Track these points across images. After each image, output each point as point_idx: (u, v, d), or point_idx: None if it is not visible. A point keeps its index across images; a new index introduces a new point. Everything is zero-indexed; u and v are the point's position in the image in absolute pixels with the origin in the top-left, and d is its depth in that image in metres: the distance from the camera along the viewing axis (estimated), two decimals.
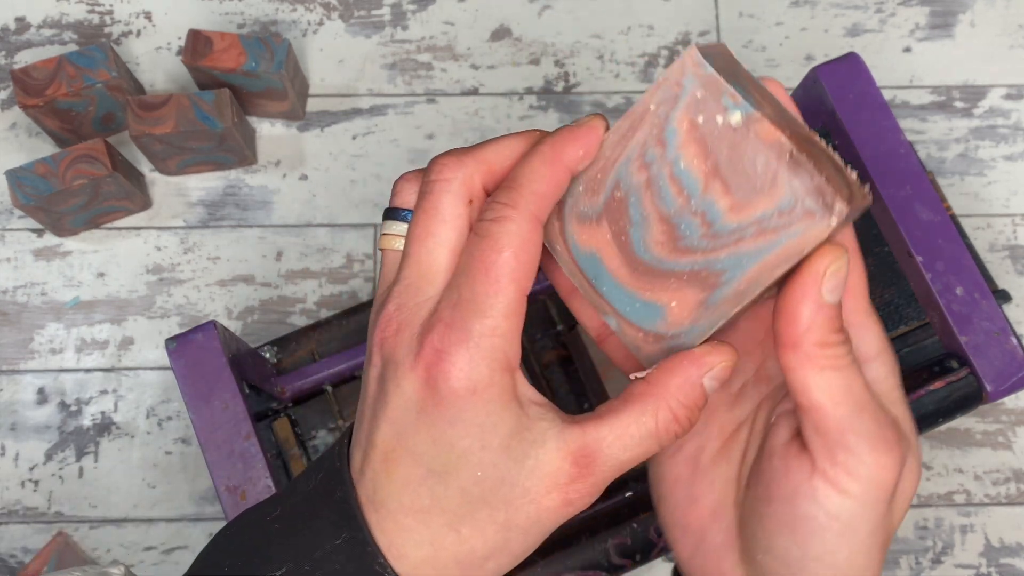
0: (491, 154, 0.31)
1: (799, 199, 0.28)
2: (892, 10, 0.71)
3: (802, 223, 0.28)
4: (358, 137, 0.68)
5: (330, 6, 0.70)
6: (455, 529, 0.30)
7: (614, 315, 0.32)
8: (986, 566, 0.62)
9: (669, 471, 0.34)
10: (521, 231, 0.29)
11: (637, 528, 0.51)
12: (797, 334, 0.29)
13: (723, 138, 0.29)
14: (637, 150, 0.30)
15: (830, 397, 0.29)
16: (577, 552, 0.50)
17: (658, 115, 0.30)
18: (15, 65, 0.69)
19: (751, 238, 0.29)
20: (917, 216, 0.49)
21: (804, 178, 0.28)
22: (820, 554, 0.30)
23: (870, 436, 0.29)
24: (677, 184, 0.30)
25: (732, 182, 0.29)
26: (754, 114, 0.29)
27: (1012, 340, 0.48)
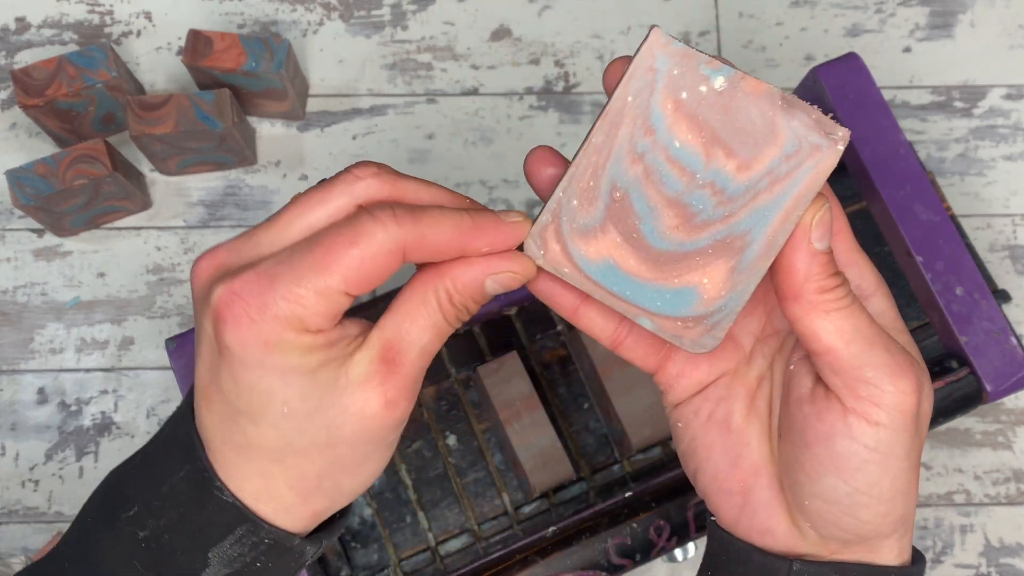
0: (409, 187, 0.32)
1: (803, 137, 0.29)
2: (892, 10, 0.71)
3: (811, 159, 0.29)
4: (358, 137, 0.68)
5: (330, 6, 0.70)
6: (278, 461, 0.31)
7: (646, 315, 0.32)
8: (986, 566, 0.62)
9: (703, 440, 0.35)
10: (384, 246, 0.30)
11: (637, 528, 0.51)
12: (797, 285, 0.30)
13: (712, 105, 0.29)
14: (626, 145, 0.30)
15: (840, 337, 0.30)
16: (577, 552, 0.50)
17: (638, 105, 0.30)
18: (15, 65, 0.69)
19: (766, 190, 0.30)
20: (917, 216, 0.49)
21: (801, 117, 0.29)
22: (866, 486, 0.31)
23: (886, 366, 0.30)
24: (677, 165, 0.30)
25: (733, 143, 0.30)
26: (736, 73, 0.29)
27: (1012, 340, 0.48)
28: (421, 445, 0.59)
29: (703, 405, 0.35)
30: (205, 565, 0.32)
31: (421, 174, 0.67)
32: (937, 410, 0.50)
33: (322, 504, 0.33)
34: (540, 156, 0.33)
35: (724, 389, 0.35)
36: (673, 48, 0.30)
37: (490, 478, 0.58)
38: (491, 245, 0.31)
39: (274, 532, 0.32)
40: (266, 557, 0.33)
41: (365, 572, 0.57)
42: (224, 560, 0.32)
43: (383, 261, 0.30)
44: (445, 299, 0.31)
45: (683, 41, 0.33)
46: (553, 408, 0.59)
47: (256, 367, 0.30)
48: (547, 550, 0.50)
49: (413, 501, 0.58)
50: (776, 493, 0.34)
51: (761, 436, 0.34)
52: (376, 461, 0.33)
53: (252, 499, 0.32)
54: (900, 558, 0.34)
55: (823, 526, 0.33)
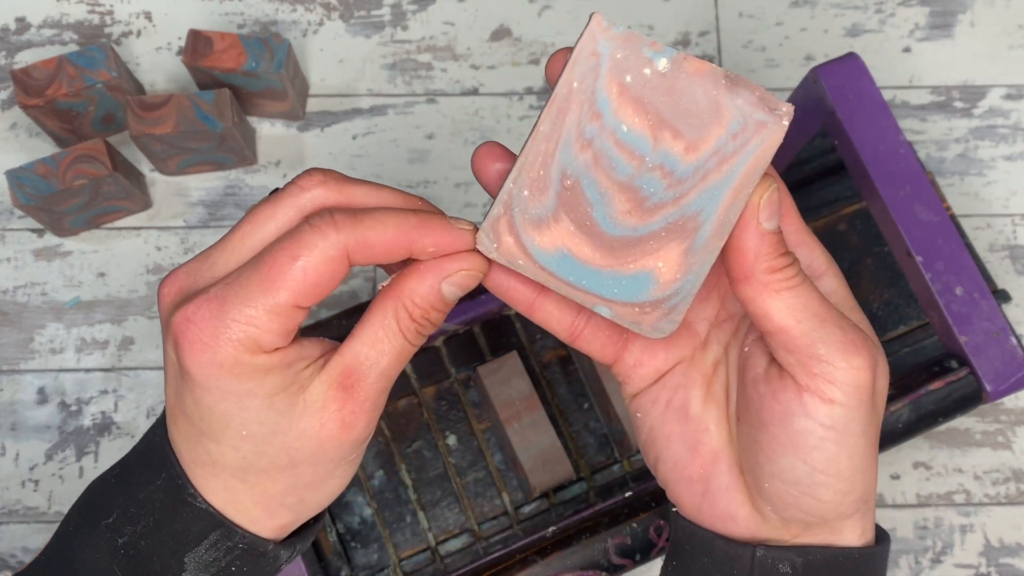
0: (358, 191, 0.32)
1: (747, 115, 0.29)
2: (892, 10, 0.71)
3: (757, 136, 0.29)
4: (358, 137, 0.68)
5: (330, 6, 0.70)
6: (241, 479, 0.32)
7: (603, 303, 0.31)
8: (986, 566, 0.62)
9: (661, 429, 0.35)
10: (327, 253, 0.30)
11: (637, 528, 0.51)
12: (747, 265, 0.30)
13: (657, 87, 0.29)
14: (573, 131, 0.30)
15: (791, 315, 0.30)
16: (577, 552, 0.50)
17: (583, 90, 0.30)
18: (15, 65, 0.69)
19: (715, 170, 0.30)
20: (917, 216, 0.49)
21: (745, 94, 0.29)
22: (824, 464, 0.31)
23: (839, 343, 0.30)
24: (626, 148, 0.30)
25: (679, 124, 0.30)
26: (678, 54, 0.29)
27: (1012, 340, 0.48)
28: (421, 445, 0.59)
29: (661, 393, 0.35)
30: (182, 570, 0.33)
31: (421, 174, 0.68)
32: (937, 410, 0.50)
33: (287, 518, 0.33)
34: (487, 152, 0.32)
35: (681, 376, 0.35)
36: (615, 32, 0.29)
37: (490, 478, 0.58)
38: (437, 244, 0.31)
39: (247, 537, 0.33)
40: (240, 562, 0.33)
41: (365, 572, 0.57)
42: (200, 565, 0.33)
43: (327, 269, 0.30)
44: (405, 317, 0.31)
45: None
46: (553, 408, 0.59)
47: (214, 391, 0.30)
48: (547, 550, 0.50)
49: (413, 501, 0.58)
50: (736, 478, 0.34)
51: (719, 422, 0.34)
52: (339, 477, 0.33)
53: (219, 506, 0.32)
54: (863, 538, 0.34)
55: (784, 508, 0.33)
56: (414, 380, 0.59)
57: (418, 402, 0.59)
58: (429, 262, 0.31)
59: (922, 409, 0.50)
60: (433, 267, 0.31)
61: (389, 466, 0.58)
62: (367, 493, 0.58)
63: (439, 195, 0.67)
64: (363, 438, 0.32)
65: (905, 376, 0.51)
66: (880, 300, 0.62)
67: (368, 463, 0.58)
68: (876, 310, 0.62)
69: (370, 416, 0.32)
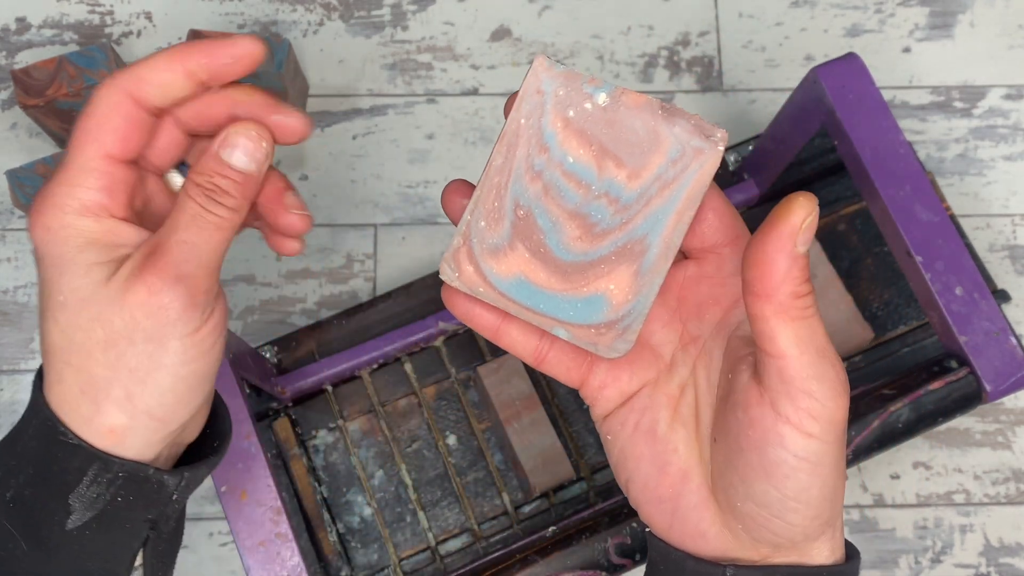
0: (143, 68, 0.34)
1: (685, 142, 0.31)
2: (891, 10, 0.71)
3: (696, 161, 0.31)
4: (358, 137, 0.68)
5: (330, 6, 0.70)
6: (66, 362, 0.33)
7: (561, 325, 0.33)
8: (985, 566, 0.62)
9: (631, 450, 0.35)
10: (110, 100, 0.33)
11: (637, 528, 0.51)
12: (772, 285, 0.30)
13: (598, 120, 0.31)
14: (523, 164, 0.32)
15: (797, 345, 0.30)
16: (577, 551, 0.50)
17: (531, 126, 0.32)
18: (16, 65, 0.69)
19: (657, 195, 0.31)
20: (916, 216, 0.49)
21: (682, 123, 0.31)
22: (795, 492, 0.32)
23: (830, 381, 0.31)
24: (573, 178, 0.32)
25: (622, 154, 0.31)
26: (616, 88, 0.31)
27: (1011, 340, 0.48)
28: (421, 445, 0.59)
29: (629, 416, 0.36)
30: (69, 512, 0.33)
31: (421, 174, 0.68)
32: (937, 410, 0.50)
33: (119, 418, 0.33)
34: (454, 188, 0.34)
35: (647, 399, 0.35)
36: (556, 71, 0.32)
37: (490, 478, 0.58)
38: (209, 56, 0.33)
39: (126, 465, 0.33)
40: (125, 491, 0.34)
41: (365, 572, 0.57)
42: (85, 503, 0.33)
43: (117, 114, 0.33)
44: (193, 185, 0.33)
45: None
46: (553, 408, 0.59)
47: (45, 259, 0.33)
48: (547, 550, 0.50)
49: (413, 501, 0.58)
50: (705, 496, 0.34)
51: (688, 442, 0.35)
52: (166, 373, 0.33)
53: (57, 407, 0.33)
54: (833, 556, 0.34)
55: (754, 529, 0.33)
56: (414, 380, 0.59)
57: (418, 402, 0.59)
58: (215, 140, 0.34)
59: (922, 409, 0.50)
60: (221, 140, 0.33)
61: (389, 466, 0.58)
62: (367, 493, 0.58)
63: (439, 195, 0.67)
64: (178, 315, 0.33)
65: (905, 376, 0.51)
66: (880, 300, 0.62)
67: (368, 463, 0.58)
68: (876, 310, 0.62)
69: (178, 287, 0.33)
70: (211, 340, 0.34)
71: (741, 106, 0.69)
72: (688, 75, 0.69)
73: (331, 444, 0.59)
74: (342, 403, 0.59)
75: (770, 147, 0.58)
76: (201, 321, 0.33)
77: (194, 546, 0.62)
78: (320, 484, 0.58)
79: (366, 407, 0.59)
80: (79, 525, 0.33)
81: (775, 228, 0.30)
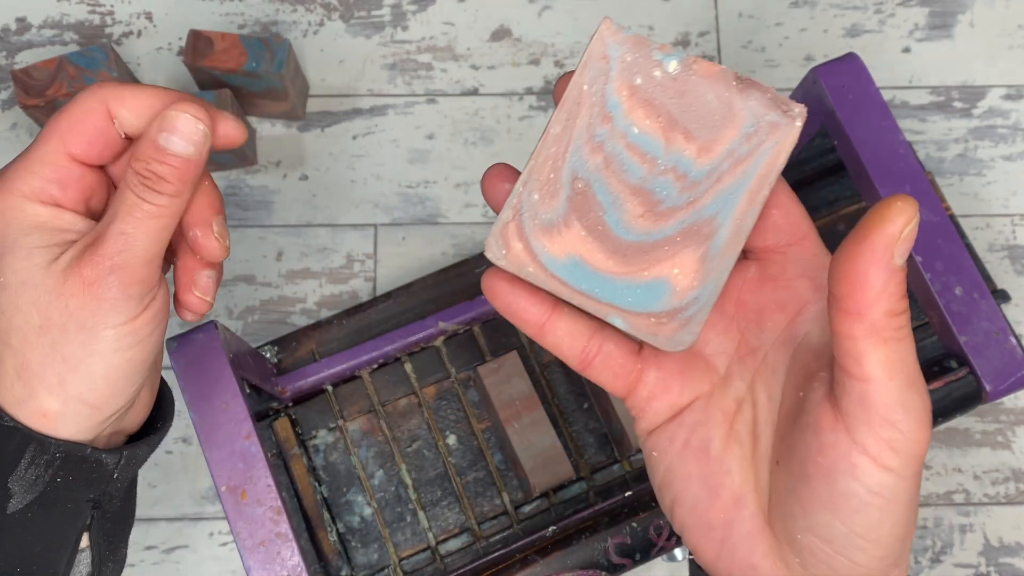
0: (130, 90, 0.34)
1: (760, 117, 0.29)
2: (891, 11, 0.71)
3: (771, 137, 0.29)
4: (358, 137, 0.68)
5: (330, 6, 0.70)
6: (5, 343, 0.33)
7: (618, 313, 0.30)
8: (985, 565, 0.62)
9: (679, 470, 0.33)
10: (87, 105, 0.33)
11: (637, 527, 0.51)
12: (866, 301, 0.27)
13: (667, 89, 0.29)
14: (584, 135, 0.29)
15: (887, 370, 0.27)
16: (577, 551, 0.50)
17: (594, 93, 0.29)
18: (16, 65, 0.69)
19: (728, 172, 0.29)
20: None
21: (757, 96, 0.29)
22: (865, 530, 0.29)
23: (917, 411, 0.28)
24: (637, 151, 0.29)
25: (692, 127, 0.29)
26: (688, 57, 0.29)
27: (1011, 340, 0.48)
28: (421, 445, 0.59)
29: (678, 431, 0.33)
30: (8, 496, 0.33)
31: (421, 174, 0.68)
32: (936, 410, 0.50)
33: (50, 403, 0.33)
34: (496, 172, 0.32)
35: (700, 414, 0.32)
36: (624, 36, 0.29)
37: (490, 478, 0.58)
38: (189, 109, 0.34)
39: (63, 445, 0.33)
40: (64, 472, 0.33)
41: (365, 572, 0.57)
42: (25, 485, 0.33)
43: (88, 120, 0.33)
44: (132, 174, 0.33)
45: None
46: (553, 408, 0.59)
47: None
48: (547, 550, 0.50)
49: (413, 501, 0.58)
50: (760, 526, 0.31)
51: (743, 464, 0.32)
52: (98, 360, 0.33)
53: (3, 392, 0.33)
54: None
55: (814, 564, 0.30)
56: (414, 380, 0.59)
57: (418, 402, 0.59)
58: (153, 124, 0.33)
59: None
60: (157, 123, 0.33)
61: (389, 466, 0.58)
62: (367, 493, 0.58)
63: (439, 195, 0.67)
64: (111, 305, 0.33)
65: None
66: None
67: (368, 463, 0.58)
68: None
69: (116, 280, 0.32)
70: (148, 329, 0.34)
71: None
72: None
73: (331, 444, 0.59)
74: (342, 403, 0.59)
75: None
76: (137, 311, 0.33)
77: (194, 546, 0.62)
78: (320, 484, 0.58)
79: (366, 407, 0.59)
80: (20, 508, 0.33)
81: (869, 237, 0.26)
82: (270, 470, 0.46)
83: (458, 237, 0.66)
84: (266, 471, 0.46)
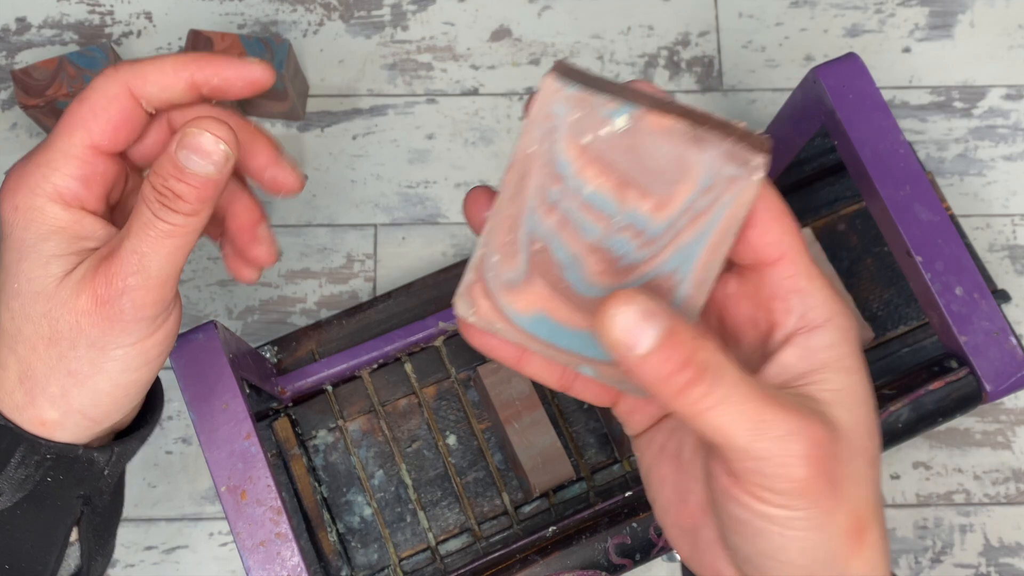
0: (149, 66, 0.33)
1: (717, 170, 0.27)
2: (891, 10, 0.71)
3: (730, 191, 0.27)
4: (358, 137, 0.68)
5: (330, 6, 0.70)
6: (12, 349, 0.33)
7: (587, 363, 0.30)
8: (985, 566, 0.62)
9: (656, 472, 0.33)
10: (108, 91, 0.32)
11: (637, 528, 0.51)
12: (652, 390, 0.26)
13: (617, 146, 0.28)
14: (537, 197, 0.29)
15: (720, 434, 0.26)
16: (577, 551, 0.50)
17: (543, 154, 0.28)
18: (16, 65, 0.69)
19: (687, 227, 0.28)
20: (916, 216, 0.49)
21: (712, 150, 0.27)
22: (770, 552, 0.28)
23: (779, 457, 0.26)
24: (592, 210, 0.28)
25: (646, 183, 0.28)
26: (636, 111, 0.27)
27: (1011, 340, 0.48)
28: (421, 445, 0.59)
29: (656, 436, 0.33)
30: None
31: (421, 174, 0.68)
32: (937, 410, 0.50)
33: (51, 413, 0.33)
34: (474, 198, 0.31)
35: (676, 421, 0.33)
36: (568, 93, 0.28)
37: (490, 478, 0.58)
38: (220, 72, 0.33)
39: (54, 446, 0.33)
40: (55, 472, 0.33)
41: (365, 572, 0.57)
42: (14, 484, 0.33)
43: (113, 106, 0.32)
44: (149, 190, 0.31)
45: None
46: (553, 408, 0.59)
47: (7, 239, 0.32)
48: (547, 550, 0.50)
49: (413, 501, 0.58)
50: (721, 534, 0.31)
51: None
52: (105, 379, 0.33)
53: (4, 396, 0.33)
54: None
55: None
56: (414, 380, 0.59)
57: (418, 402, 0.59)
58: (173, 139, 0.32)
59: (922, 409, 0.50)
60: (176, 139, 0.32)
61: (389, 466, 0.58)
62: (367, 493, 0.58)
63: (439, 195, 0.67)
64: (123, 327, 0.32)
65: (905, 376, 0.51)
66: (880, 300, 0.62)
67: (368, 463, 0.58)
68: (876, 310, 0.62)
69: (128, 301, 0.32)
70: (158, 350, 0.33)
71: (741, 106, 0.69)
72: (688, 75, 0.69)
73: (331, 444, 0.59)
74: (342, 403, 0.59)
75: None
76: (149, 331, 0.33)
77: (194, 546, 0.62)
78: (320, 484, 0.58)
79: (366, 407, 0.59)
80: (9, 506, 0.33)
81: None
82: (270, 470, 0.46)
83: (458, 237, 0.66)
84: (266, 471, 0.46)
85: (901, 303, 0.62)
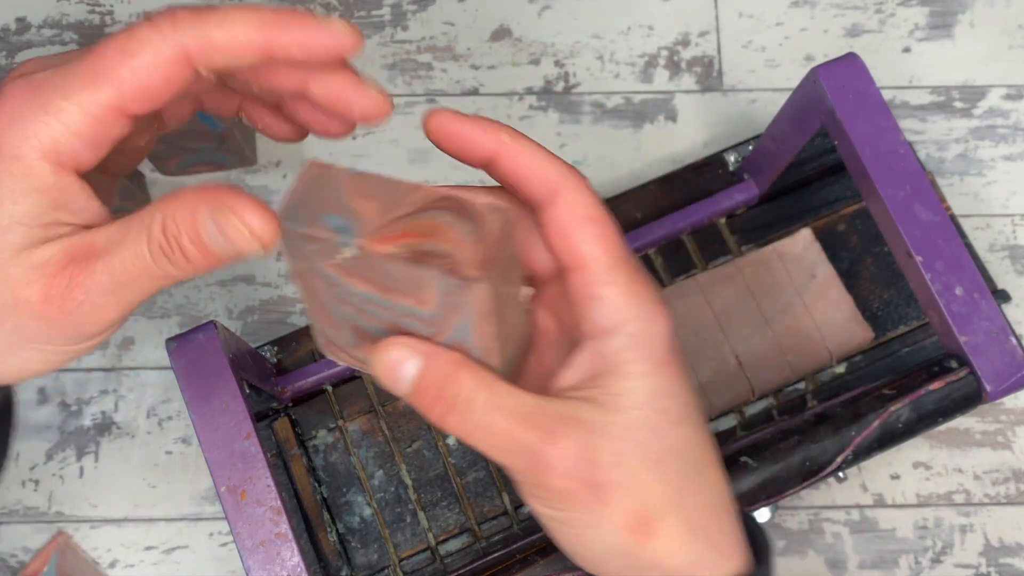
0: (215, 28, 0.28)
1: (445, 285, 0.29)
2: (892, 10, 0.71)
3: (466, 295, 0.29)
4: (358, 137, 0.68)
5: (330, 6, 0.70)
6: None
7: None
8: (985, 566, 0.62)
9: None
10: (160, 54, 0.27)
11: None
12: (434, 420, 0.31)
13: (360, 266, 0.29)
14: (327, 294, 0.32)
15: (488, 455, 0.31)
16: None
17: (311, 272, 0.31)
18: (15, 65, 0.69)
19: (451, 314, 0.30)
20: (916, 216, 0.49)
21: (432, 271, 0.28)
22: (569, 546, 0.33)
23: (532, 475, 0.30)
24: (373, 303, 0.31)
25: (399, 288, 0.30)
26: (354, 244, 0.29)
27: (1011, 340, 0.48)
28: (421, 445, 0.59)
29: None
30: None
31: (421, 174, 0.68)
32: (937, 410, 0.50)
33: None
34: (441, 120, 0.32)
35: None
36: (298, 232, 0.29)
37: (490, 478, 0.58)
38: (302, 42, 0.28)
39: None
40: None
41: (365, 572, 0.57)
42: None
43: (161, 71, 0.27)
44: (157, 228, 0.28)
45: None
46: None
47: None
48: (547, 549, 0.50)
49: (413, 501, 0.58)
50: None
51: None
52: (25, 360, 0.30)
53: None
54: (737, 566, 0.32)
55: None
56: None
57: None
58: (210, 189, 0.28)
59: (922, 409, 0.50)
60: (208, 194, 0.28)
61: (389, 466, 0.58)
62: (367, 493, 0.58)
63: None
64: (67, 332, 0.29)
65: (905, 376, 0.51)
66: (880, 300, 0.62)
67: (368, 463, 0.58)
68: (876, 310, 0.62)
69: (75, 319, 0.29)
70: (62, 361, 0.31)
71: (741, 106, 0.69)
72: (688, 75, 0.69)
73: (331, 444, 0.59)
74: (342, 403, 0.59)
75: (770, 147, 0.58)
76: (82, 345, 0.31)
77: (194, 546, 0.62)
78: (320, 484, 0.58)
79: (366, 407, 0.59)
80: None
81: None
82: (270, 470, 0.46)
83: None
84: (266, 471, 0.46)
85: (901, 303, 0.62)
